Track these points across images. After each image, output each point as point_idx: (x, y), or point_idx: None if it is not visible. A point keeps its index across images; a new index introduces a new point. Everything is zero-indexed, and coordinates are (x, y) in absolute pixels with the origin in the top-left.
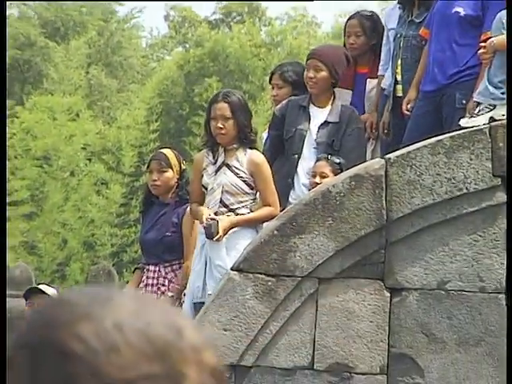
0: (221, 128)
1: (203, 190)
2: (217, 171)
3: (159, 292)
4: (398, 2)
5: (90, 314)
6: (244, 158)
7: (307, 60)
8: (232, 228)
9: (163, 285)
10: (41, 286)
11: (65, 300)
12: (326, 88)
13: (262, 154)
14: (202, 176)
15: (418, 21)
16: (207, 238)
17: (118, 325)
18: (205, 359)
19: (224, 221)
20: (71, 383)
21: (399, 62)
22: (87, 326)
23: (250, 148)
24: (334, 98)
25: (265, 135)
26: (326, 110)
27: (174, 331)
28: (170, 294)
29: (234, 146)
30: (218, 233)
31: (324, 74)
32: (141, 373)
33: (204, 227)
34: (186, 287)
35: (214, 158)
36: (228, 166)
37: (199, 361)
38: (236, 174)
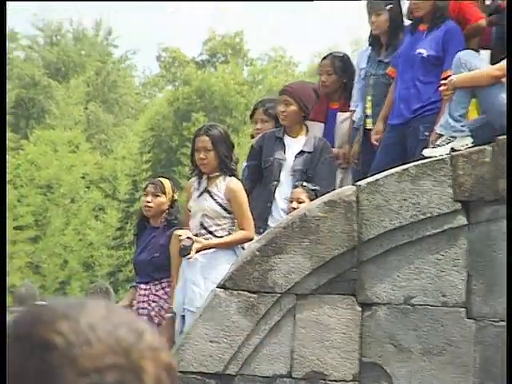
0: (203, 159)
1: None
2: (199, 196)
3: (149, 307)
4: (369, 44)
5: (67, 315)
6: (223, 185)
7: (279, 95)
8: (205, 250)
9: (153, 301)
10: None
11: (46, 304)
12: (296, 120)
13: (242, 182)
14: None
15: (385, 61)
16: (181, 256)
17: (91, 325)
18: (161, 357)
19: (198, 243)
20: (51, 371)
21: (369, 97)
22: (66, 323)
23: (230, 176)
24: (307, 129)
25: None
26: (300, 139)
27: (136, 334)
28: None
29: (216, 174)
30: (190, 253)
31: (293, 107)
32: (108, 363)
33: (180, 247)
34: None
35: (198, 184)
36: (209, 192)
37: (156, 358)
38: (215, 199)
